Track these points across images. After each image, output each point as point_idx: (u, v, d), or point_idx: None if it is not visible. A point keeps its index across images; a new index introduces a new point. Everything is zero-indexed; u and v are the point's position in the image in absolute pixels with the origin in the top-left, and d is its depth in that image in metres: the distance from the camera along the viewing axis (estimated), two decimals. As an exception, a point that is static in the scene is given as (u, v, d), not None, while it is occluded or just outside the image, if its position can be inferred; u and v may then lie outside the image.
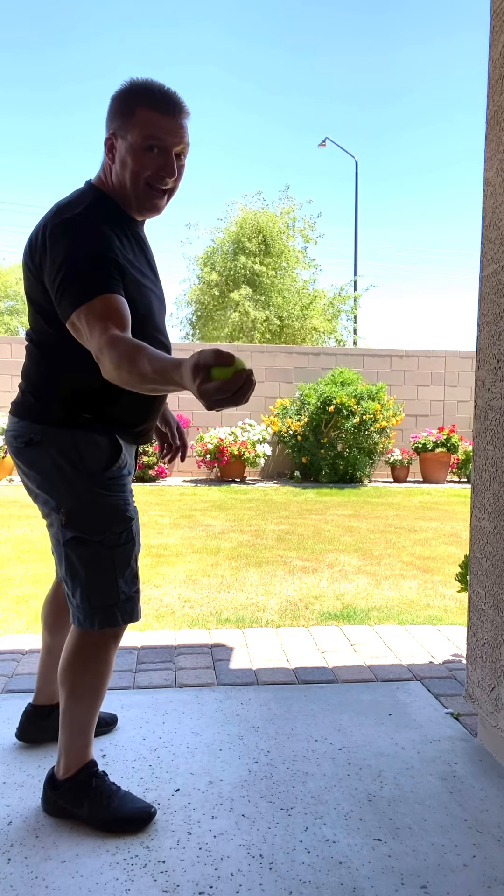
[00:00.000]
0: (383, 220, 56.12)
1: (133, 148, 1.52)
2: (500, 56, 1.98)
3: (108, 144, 1.55)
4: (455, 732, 2.20)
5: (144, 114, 1.51)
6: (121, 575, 1.63)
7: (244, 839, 1.65)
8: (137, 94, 1.52)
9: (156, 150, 1.54)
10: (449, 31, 47.03)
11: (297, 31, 43.99)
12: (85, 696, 1.66)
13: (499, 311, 1.99)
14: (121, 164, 1.55)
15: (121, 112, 1.53)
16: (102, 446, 1.60)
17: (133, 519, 1.66)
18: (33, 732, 2.02)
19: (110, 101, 1.56)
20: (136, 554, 1.67)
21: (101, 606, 1.62)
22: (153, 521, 6.44)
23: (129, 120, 1.51)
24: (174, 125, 1.54)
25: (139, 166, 1.54)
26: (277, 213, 18.22)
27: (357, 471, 9.80)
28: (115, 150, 1.55)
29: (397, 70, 48.93)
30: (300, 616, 3.46)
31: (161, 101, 1.52)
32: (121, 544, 1.62)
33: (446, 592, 3.98)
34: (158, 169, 1.55)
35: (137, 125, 1.51)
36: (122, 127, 1.53)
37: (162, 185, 1.58)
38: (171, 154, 1.56)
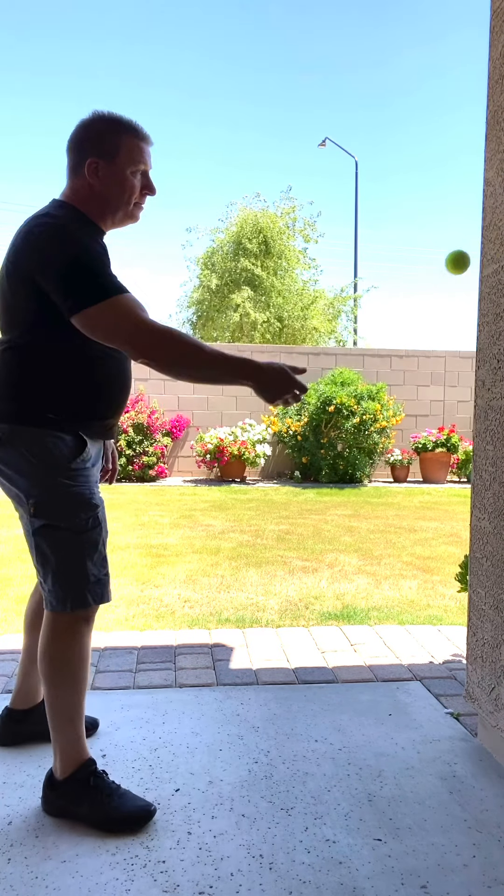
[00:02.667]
0: (383, 220, 56.14)
1: (122, 172, 1.72)
2: (500, 56, 1.98)
3: (91, 167, 1.70)
4: (455, 732, 2.20)
5: (131, 142, 1.72)
6: (89, 558, 1.71)
7: (244, 839, 1.65)
8: (118, 125, 1.72)
9: (139, 174, 1.76)
10: (449, 30, 47.03)
11: (297, 30, 43.99)
12: (65, 683, 1.70)
13: (499, 311, 1.99)
14: (110, 183, 1.72)
15: (104, 141, 1.70)
16: (67, 442, 1.69)
17: (98, 506, 1.75)
18: (8, 736, 2.05)
19: (83, 130, 1.72)
20: (103, 539, 1.76)
21: (73, 588, 1.69)
22: (153, 521, 6.44)
23: (117, 147, 1.70)
24: (148, 150, 1.78)
25: (131, 188, 1.75)
26: (278, 213, 18.22)
27: (357, 471, 9.80)
28: (99, 171, 1.70)
29: (397, 70, 48.94)
30: (300, 616, 3.46)
31: (139, 131, 1.74)
32: (88, 529, 1.71)
33: (446, 592, 3.98)
34: (144, 187, 1.78)
35: (126, 153, 1.71)
36: (110, 154, 1.70)
37: (144, 201, 1.82)
38: (149, 174, 1.79)
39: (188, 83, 48.71)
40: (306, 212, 22.07)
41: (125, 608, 3.57)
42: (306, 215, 18.76)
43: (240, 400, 10.71)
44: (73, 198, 1.73)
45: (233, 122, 49.33)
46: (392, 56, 46.05)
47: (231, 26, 42.17)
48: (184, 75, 48.06)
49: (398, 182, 57.23)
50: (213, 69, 46.89)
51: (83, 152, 1.70)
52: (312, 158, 49.44)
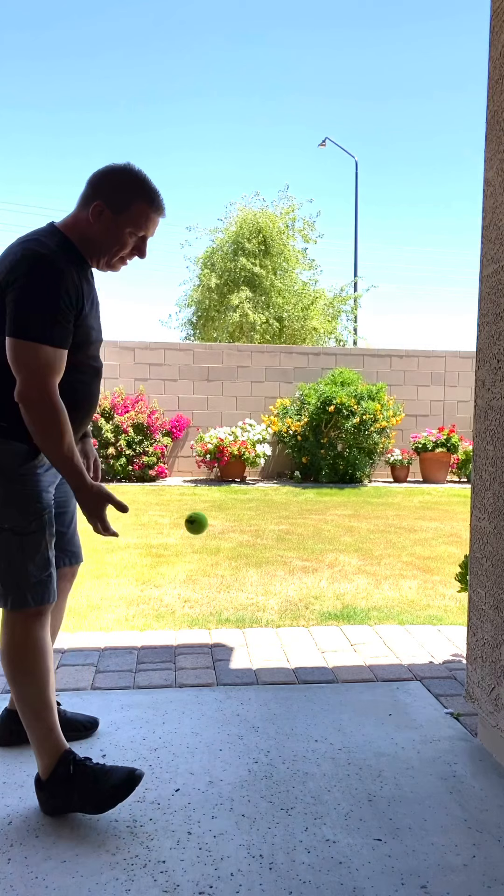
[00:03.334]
0: (383, 220, 56.14)
1: (121, 229, 1.76)
2: (500, 56, 1.98)
3: (96, 210, 1.74)
4: (455, 732, 2.20)
5: (142, 208, 1.76)
6: (31, 560, 1.73)
7: (244, 839, 1.65)
8: (139, 188, 1.76)
9: (136, 237, 1.80)
10: (449, 30, 47.03)
11: (296, 30, 43.99)
12: (25, 679, 1.71)
13: (499, 311, 1.99)
14: (106, 233, 1.76)
15: (119, 194, 1.74)
16: (19, 450, 1.72)
17: (45, 509, 1.76)
18: (8, 736, 2.06)
19: (107, 174, 1.77)
20: (47, 541, 1.77)
21: (13, 588, 1.71)
22: (153, 521, 6.44)
23: (127, 207, 1.75)
24: (157, 221, 1.82)
25: (123, 245, 1.79)
26: (277, 213, 18.20)
27: (357, 471, 9.80)
28: (101, 217, 1.75)
29: (397, 70, 48.95)
30: (300, 616, 3.46)
31: (156, 202, 1.78)
32: (30, 532, 1.73)
33: (446, 592, 3.98)
34: (135, 250, 1.83)
35: (133, 215, 1.76)
36: (118, 208, 1.74)
37: (130, 260, 1.86)
38: (146, 240, 1.83)
39: (187, 83, 48.75)
40: (306, 211, 22.09)
41: (125, 608, 3.57)
42: (305, 214, 18.76)
43: (240, 400, 10.71)
44: (70, 227, 1.78)
45: (233, 122, 49.35)
46: (392, 56, 46.06)
47: (231, 26, 42.19)
48: (183, 74, 48.08)
49: (398, 182, 57.25)
50: (212, 69, 46.91)
51: (97, 193, 1.75)
52: (312, 158, 49.46)
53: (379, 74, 48.30)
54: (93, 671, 2.64)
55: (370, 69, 47.72)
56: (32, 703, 1.72)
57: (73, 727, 2.08)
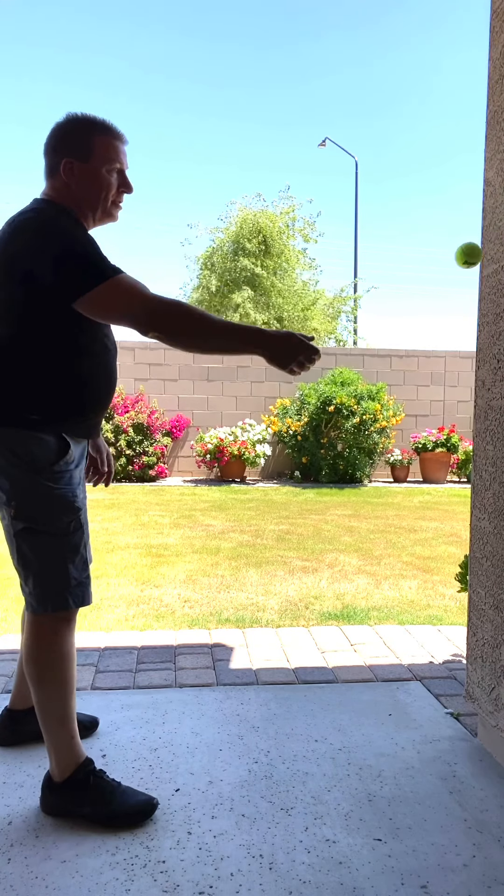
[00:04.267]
0: (384, 220, 56.14)
1: (98, 172, 1.72)
2: (500, 56, 1.98)
3: (67, 167, 1.70)
4: (455, 732, 2.20)
5: (104, 141, 1.72)
6: (71, 561, 1.71)
7: (244, 839, 1.65)
8: (90, 126, 1.72)
9: (115, 172, 1.75)
10: (449, 30, 47.02)
11: (296, 30, 44.01)
12: (52, 684, 1.69)
13: (499, 311, 1.99)
14: (87, 183, 1.72)
15: (77, 142, 1.70)
16: (50, 444, 1.68)
17: (80, 509, 1.74)
18: (8, 736, 2.05)
19: (57, 131, 1.72)
20: (84, 541, 1.75)
21: (54, 591, 1.69)
22: (153, 521, 6.44)
23: (91, 148, 1.70)
24: (124, 151, 1.77)
25: (107, 186, 1.74)
26: (277, 213, 18.21)
27: (357, 471, 9.80)
28: (73, 172, 1.70)
29: (398, 70, 48.94)
30: (300, 616, 3.46)
31: (112, 130, 1.74)
32: (70, 533, 1.70)
33: (446, 592, 3.98)
34: (121, 186, 1.78)
35: (100, 152, 1.71)
36: (84, 155, 1.70)
37: (122, 199, 1.81)
38: (125, 173, 1.78)
39: (187, 83, 48.75)
40: (306, 210, 22.09)
41: (125, 608, 3.57)
42: (306, 214, 18.79)
43: (240, 400, 10.71)
44: (53, 196, 1.74)
45: (233, 122, 49.36)
46: (393, 56, 46.06)
47: (231, 26, 42.20)
48: (184, 73, 48.09)
49: (398, 182, 57.24)
50: (212, 69, 46.90)
51: (58, 153, 1.71)
52: (312, 158, 49.44)
53: (379, 74, 48.30)
54: (93, 671, 2.64)
55: (370, 69, 47.73)
56: (58, 709, 1.70)
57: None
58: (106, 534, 5.68)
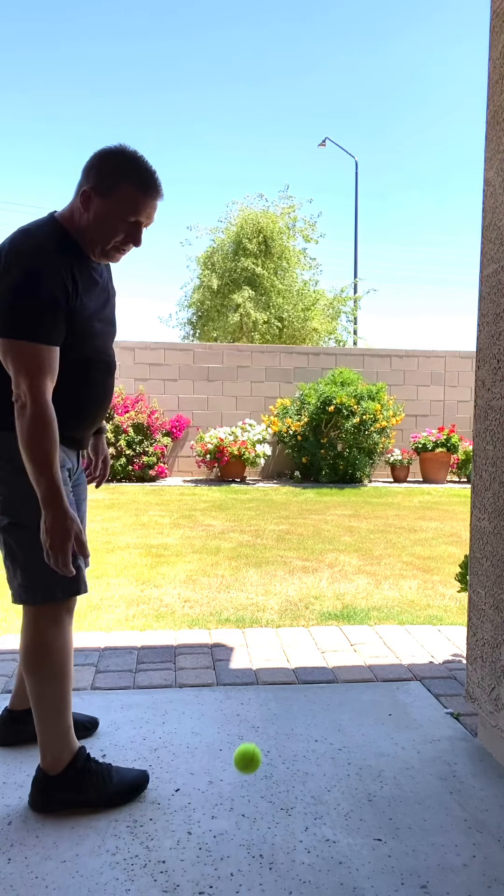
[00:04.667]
0: (384, 219, 56.13)
1: (111, 215, 1.67)
2: (500, 56, 1.98)
3: (84, 196, 1.66)
4: (455, 732, 2.20)
5: (129, 190, 1.65)
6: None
7: (244, 839, 1.65)
8: (126, 169, 1.66)
9: (128, 223, 1.69)
10: (449, 30, 47.02)
11: (297, 29, 43.99)
12: (50, 677, 1.71)
13: (499, 311, 1.99)
14: (95, 219, 1.68)
15: (106, 177, 1.65)
16: None
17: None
18: (8, 736, 2.06)
19: (97, 158, 1.68)
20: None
21: (42, 583, 1.71)
22: (153, 521, 6.44)
23: (113, 189, 1.65)
24: (151, 207, 1.70)
25: (113, 232, 1.69)
26: (278, 213, 18.20)
27: (357, 471, 9.80)
28: (91, 204, 1.67)
29: (398, 69, 48.94)
30: (300, 616, 3.46)
31: (146, 183, 1.67)
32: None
33: (446, 592, 3.98)
34: (128, 237, 1.71)
35: (120, 198, 1.66)
36: (105, 192, 1.65)
37: (127, 250, 1.76)
38: (142, 228, 1.73)
39: (187, 83, 48.76)
40: (306, 210, 22.10)
41: (125, 608, 3.57)
42: (306, 214, 18.76)
43: (240, 400, 10.71)
44: (67, 217, 1.72)
45: (233, 122, 49.35)
46: (393, 55, 46.06)
47: (231, 25, 42.20)
48: (183, 74, 48.08)
49: (398, 182, 57.24)
50: (211, 67, 46.91)
51: (86, 179, 1.68)
52: (313, 158, 49.45)
53: (379, 75, 48.30)
54: (93, 671, 2.64)
55: (370, 69, 47.73)
56: (56, 701, 1.72)
57: (73, 727, 2.08)
58: (106, 534, 5.68)
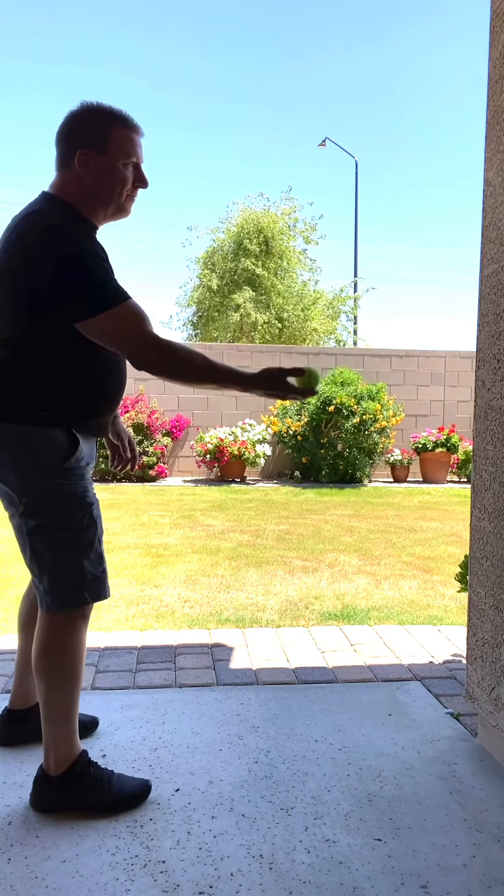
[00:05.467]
0: (383, 220, 56.14)
1: (114, 164, 1.68)
2: (500, 56, 1.98)
3: (82, 158, 1.66)
4: (455, 732, 2.20)
5: (122, 133, 1.68)
6: (85, 556, 1.71)
7: (244, 839, 1.65)
8: (109, 117, 1.68)
9: (131, 166, 1.72)
10: (450, 29, 47.04)
11: (295, 30, 44.02)
12: (63, 681, 1.70)
13: (499, 311, 1.99)
14: (101, 175, 1.68)
15: (96, 132, 1.66)
16: (60, 440, 1.67)
17: (93, 504, 1.74)
18: (8, 736, 2.05)
19: (74, 121, 1.68)
20: (98, 536, 1.75)
21: (70, 587, 1.69)
22: (153, 521, 6.44)
23: (108, 139, 1.66)
24: (140, 142, 1.74)
25: (122, 180, 1.71)
26: (278, 213, 18.20)
27: (357, 471, 9.80)
28: (89, 163, 1.66)
29: (398, 70, 48.96)
30: (300, 616, 3.46)
31: (130, 122, 1.71)
32: (83, 528, 1.70)
33: (446, 592, 3.98)
34: (136, 180, 1.75)
35: (117, 145, 1.67)
36: (101, 146, 1.66)
37: (136, 194, 1.78)
38: (141, 166, 1.75)
39: (187, 83, 48.75)
40: (307, 213, 22.07)
41: (125, 608, 3.57)
42: (307, 216, 18.76)
43: (240, 400, 10.70)
44: (63, 191, 1.68)
45: (234, 122, 49.35)
46: (393, 56, 46.06)
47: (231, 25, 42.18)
48: (184, 73, 48.08)
49: (398, 182, 57.24)
50: (213, 67, 46.91)
51: (73, 144, 1.66)
52: (313, 159, 49.44)
53: (379, 75, 48.30)
54: (93, 671, 2.64)
55: (371, 69, 47.73)
56: (65, 705, 1.71)
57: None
58: (106, 534, 5.66)
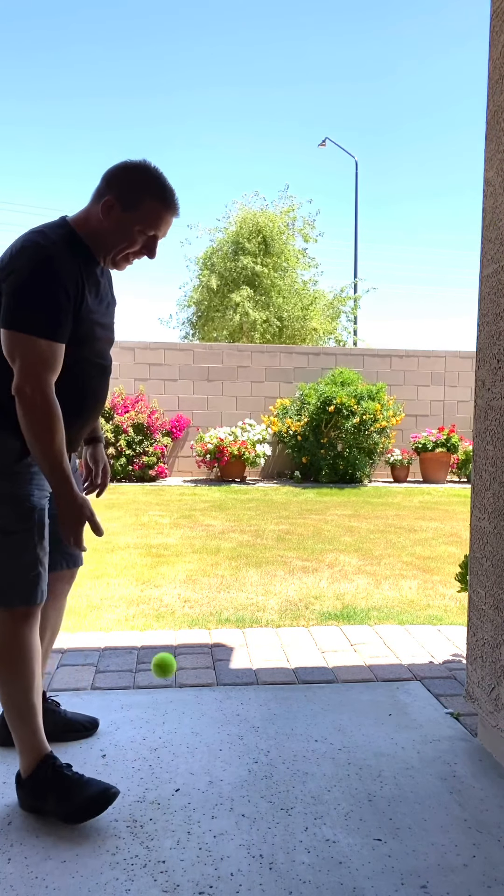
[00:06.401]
0: (384, 219, 56.15)
1: (131, 227, 1.72)
2: (500, 56, 1.98)
3: (106, 205, 1.71)
4: (455, 732, 2.20)
5: (153, 206, 1.72)
6: (17, 558, 1.71)
7: (244, 839, 1.65)
8: (151, 186, 1.72)
9: (145, 236, 1.75)
10: (449, 29, 47.01)
11: (296, 29, 44.02)
12: (10, 679, 1.70)
13: (499, 311, 1.99)
14: (114, 228, 1.72)
15: (131, 191, 1.71)
16: (13, 447, 1.69)
17: (35, 509, 1.73)
18: (8, 736, 2.02)
19: (121, 170, 1.74)
20: (35, 541, 1.73)
21: (5, 586, 1.70)
22: (153, 521, 6.44)
23: (138, 203, 1.71)
24: (169, 223, 1.77)
25: (131, 243, 1.75)
26: (277, 212, 18.20)
27: (357, 471, 9.80)
28: (111, 213, 1.71)
29: (398, 70, 48.95)
30: (300, 616, 3.46)
31: (168, 200, 1.74)
32: (17, 531, 1.70)
33: (446, 592, 3.98)
34: (144, 248, 1.78)
35: (143, 213, 1.72)
36: (128, 205, 1.71)
37: (133, 261, 1.81)
38: (157, 241, 1.79)
39: (187, 83, 48.77)
40: (305, 210, 22.07)
41: (125, 608, 3.57)
42: (305, 214, 18.76)
43: (240, 400, 10.71)
44: (80, 222, 1.75)
45: (233, 123, 49.37)
46: (393, 56, 46.07)
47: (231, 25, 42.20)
48: (184, 73, 48.11)
49: (399, 182, 57.27)
50: (212, 66, 46.92)
51: (109, 188, 1.72)
52: (313, 159, 49.46)
53: (380, 75, 48.31)
54: (93, 671, 2.64)
55: (371, 69, 47.74)
56: (17, 704, 1.72)
57: (73, 728, 2.08)
58: (106, 534, 5.67)
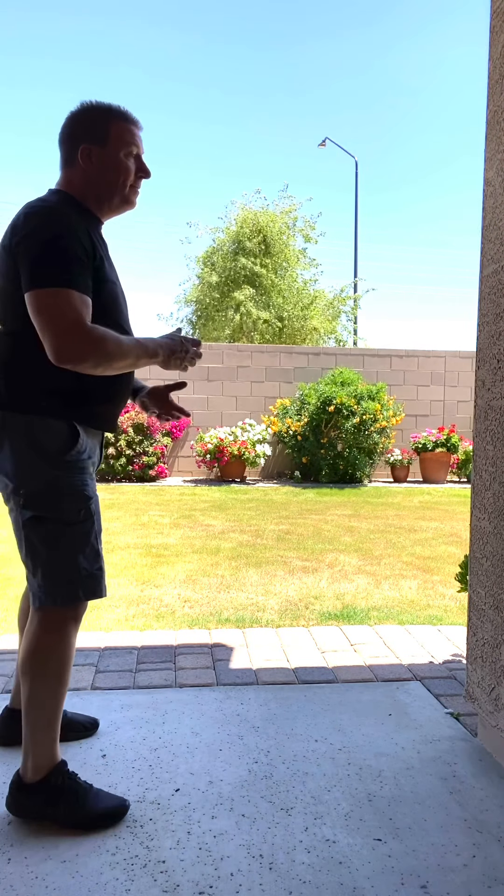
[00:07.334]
0: (384, 219, 56.17)
1: (116, 156, 1.73)
2: (500, 56, 1.98)
3: (84, 152, 1.71)
4: (455, 732, 2.20)
5: (121, 126, 1.73)
6: (81, 552, 1.68)
7: (244, 839, 1.65)
8: (108, 112, 1.73)
9: (132, 158, 1.76)
10: (450, 29, 47.04)
11: (296, 30, 44.02)
12: (49, 683, 1.66)
13: (499, 311, 1.99)
14: (104, 168, 1.72)
15: (96, 127, 1.72)
16: (60, 432, 1.66)
17: (91, 498, 1.71)
18: (8, 735, 2.03)
19: (74, 120, 1.73)
20: (96, 532, 1.72)
21: (62, 583, 1.66)
22: (153, 521, 6.44)
23: (108, 132, 1.72)
24: (140, 137, 1.79)
25: (125, 171, 1.75)
26: (278, 212, 18.19)
27: (357, 471, 9.80)
28: (92, 156, 1.71)
29: (397, 70, 48.96)
30: (300, 616, 3.46)
31: (128, 116, 1.76)
32: (79, 521, 1.68)
33: (446, 592, 3.98)
34: (139, 172, 1.80)
35: (117, 137, 1.73)
36: (102, 139, 1.71)
37: (140, 185, 1.82)
38: (142, 157, 1.80)
39: (187, 82, 48.77)
40: (306, 209, 22.06)
41: (125, 608, 3.57)
42: (306, 213, 18.76)
43: (240, 400, 10.71)
44: (68, 187, 1.73)
45: (234, 122, 49.37)
46: (393, 56, 46.06)
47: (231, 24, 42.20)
48: (183, 73, 48.10)
49: (399, 182, 57.25)
50: (212, 66, 46.91)
51: (75, 141, 1.71)
52: (313, 159, 49.44)
53: (379, 75, 48.30)
54: (93, 671, 2.64)
55: (371, 70, 47.74)
56: (48, 709, 1.67)
57: (73, 728, 2.08)
58: (106, 534, 5.68)
